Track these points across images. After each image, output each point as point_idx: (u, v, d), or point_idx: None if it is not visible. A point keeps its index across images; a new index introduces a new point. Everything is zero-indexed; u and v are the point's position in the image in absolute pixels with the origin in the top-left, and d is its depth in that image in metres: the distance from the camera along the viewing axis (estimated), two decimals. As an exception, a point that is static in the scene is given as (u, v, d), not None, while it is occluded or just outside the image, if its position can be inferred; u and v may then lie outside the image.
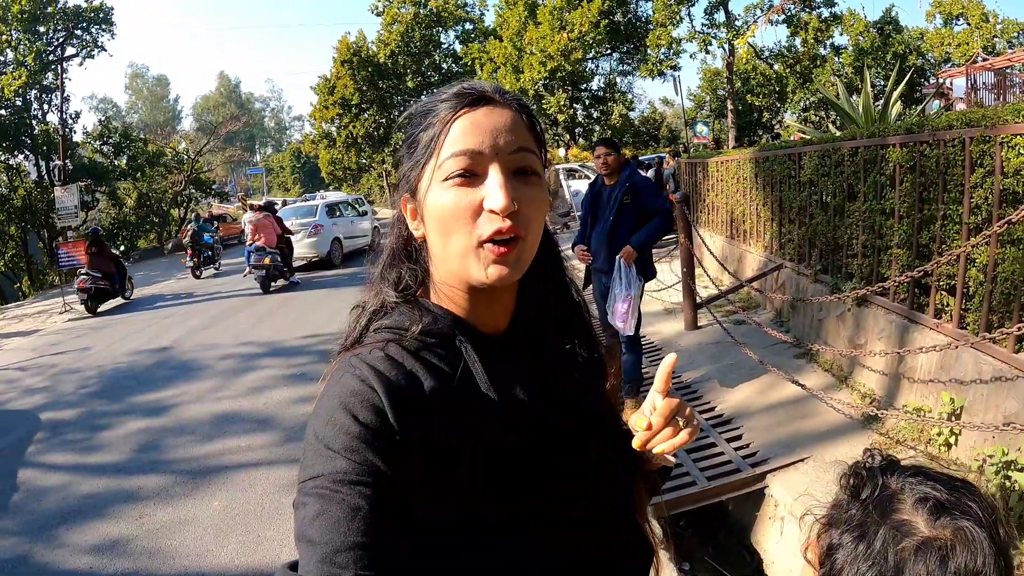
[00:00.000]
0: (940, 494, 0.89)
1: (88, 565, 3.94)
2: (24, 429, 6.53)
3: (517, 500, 0.86)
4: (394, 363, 0.85)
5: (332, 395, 0.83)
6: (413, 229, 0.94)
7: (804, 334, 5.82)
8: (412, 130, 0.92)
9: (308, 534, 0.76)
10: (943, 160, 3.90)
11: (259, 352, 8.59)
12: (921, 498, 0.89)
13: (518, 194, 0.85)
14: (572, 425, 0.95)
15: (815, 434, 4.31)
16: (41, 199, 23.48)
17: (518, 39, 29.08)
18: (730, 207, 8.82)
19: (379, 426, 0.80)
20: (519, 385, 0.92)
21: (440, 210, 0.86)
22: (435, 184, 0.86)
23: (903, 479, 0.93)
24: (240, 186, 64.60)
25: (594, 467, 0.96)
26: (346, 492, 0.77)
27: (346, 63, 34.93)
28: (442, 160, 0.85)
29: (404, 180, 0.93)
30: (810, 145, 6.04)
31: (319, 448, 0.80)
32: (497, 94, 0.90)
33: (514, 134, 0.87)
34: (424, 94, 1.35)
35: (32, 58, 24.01)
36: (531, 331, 0.98)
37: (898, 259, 4.42)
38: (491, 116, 0.87)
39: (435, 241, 0.89)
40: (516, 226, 0.85)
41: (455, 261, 0.87)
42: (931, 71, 26.30)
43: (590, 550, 0.92)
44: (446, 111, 0.87)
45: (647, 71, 27.66)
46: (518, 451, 0.88)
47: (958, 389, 3.66)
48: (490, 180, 0.85)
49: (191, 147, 34.84)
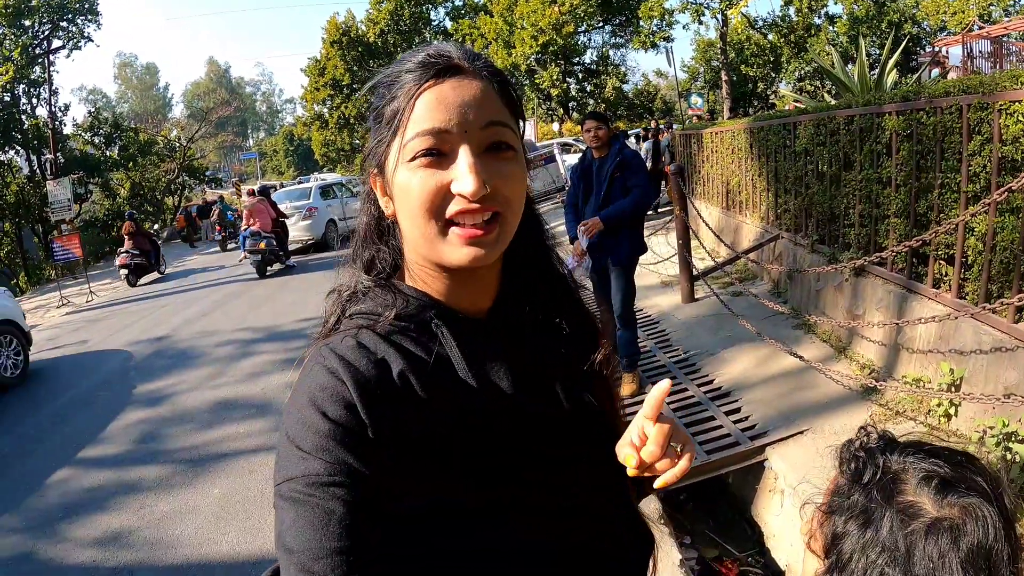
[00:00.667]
0: (944, 470, 0.87)
1: (91, 559, 3.94)
2: (25, 424, 6.54)
3: (496, 487, 0.83)
4: (365, 351, 0.82)
5: (302, 390, 0.80)
6: (383, 206, 0.89)
7: (802, 305, 5.80)
8: (377, 102, 0.86)
9: (285, 541, 0.74)
10: (940, 128, 3.84)
11: (257, 337, 8.59)
12: (925, 476, 0.87)
13: (491, 172, 0.80)
14: (557, 411, 0.91)
15: (814, 406, 4.30)
16: (34, 194, 23.38)
17: (508, 14, 28.90)
18: (725, 178, 8.76)
19: (349, 421, 0.77)
20: (500, 369, 0.88)
21: (406, 192, 0.81)
22: (401, 164, 0.81)
23: (904, 458, 0.91)
24: (234, 171, 64.29)
25: (583, 454, 0.93)
26: (320, 495, 0.74)
27: (335, 43, 34.73)
28: (407, 140, 0.80)
29: (371, 155, 0.88)
30: (805, 114, 5.98)
31: (291, 448, 0.77)
32: (466, 60, 0.83)
33: (485, 107, 0.81)
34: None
35: (18, 52, 23.93)
36: (516, 311, 0.94)
37: (895, 228, 4.38)
38: (459, 89, 0.81)
39: (404, 222, 0.85)
40: (494, 206, 0.81)
41: (426, 244, 0.83)
42: (927, 39, 26.12)
43: (580, 539, 0.89)
44: (411, 83, 0.81)
45: (640, 43, 27.53)
46: (496, 437, 0.85)
47: (958, 360, 3.64)
48: (459, 162, 0.79)
49: (183, 134, 34.59)
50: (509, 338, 0.91)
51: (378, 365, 0.81)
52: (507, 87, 0.86)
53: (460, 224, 0.80)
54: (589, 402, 0.97)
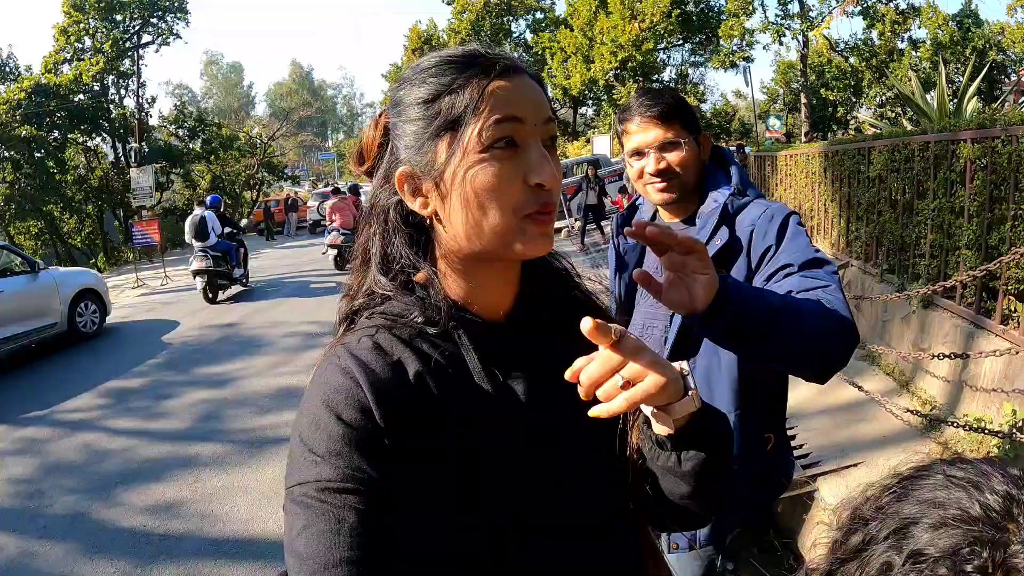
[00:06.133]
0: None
1: (142, 524, 4.12)
2: (92, 395, 6.88)
3: (506, 501, 0.82)
4: (381, 353, 0.81)
5: (316, 391, 0.80)
6: (418, 207, 0.85)
7: (868, 336, 5.64)
8: (422, 96, 0.83)
9: (296, 547, 0.74)
10: (1016, 157, 3.71)
11: (323, 331, 8.75)
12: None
13: (552, 166, 0.81)
14: (567, 419, 0.85)
15: (871, 440, 4.18)
16: (118, 180, 24.75)
17: (588, 28, 28.90)
18: (799, 202, 8.60)
19: (364, 425, 0.76)
20: (517, 373, 0.86)
21: (479, 183, 0.79)
22: (469, 154, 0.79)
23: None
24: (312, 171, 65.96)
25: (590, 468, 0.90)
26: (332, 502, 0.74)
27: (417, 51, 35.28)
28: (483, 128, 0.78)
29: (408, 152, 0.84)
30: (880, 139, 5.83)
31: (304, 452, 0.77)
32: (519, 61, 0.85)
33: (545, 104, 0.84)
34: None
35: (109, 45, 25.34)
36: (534, 314, 0.92)
37: (966, 260, 4.23)
38: (525, 85, 0.82)
39: (462, 216, 0.81)
40: (552, 198, 0.83)
41: (492, 237, 0.81)
42: (1012, 67, 25.02)
43: (579, 555, 0.87)
44: (475, 76, 0.80)
45: (719, 62, 27.26)
46: (508, 451, 0.83)
47: (1021, 400, 3.49)
48: (534, 152, 0.80)
49: (264, 132, 35.70)
50: (527, 341, 0.89)
51: (394, 367, 0.80)
52: (545, 89, 0.87)
53: (536, 213, 0.81)
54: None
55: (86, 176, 24.80)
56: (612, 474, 0.91)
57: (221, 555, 3.71)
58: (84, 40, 25.54)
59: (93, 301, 9.79)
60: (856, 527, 0.73)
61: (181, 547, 3.83)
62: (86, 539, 4.03)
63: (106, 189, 24.68)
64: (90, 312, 9.70)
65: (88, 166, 25.36)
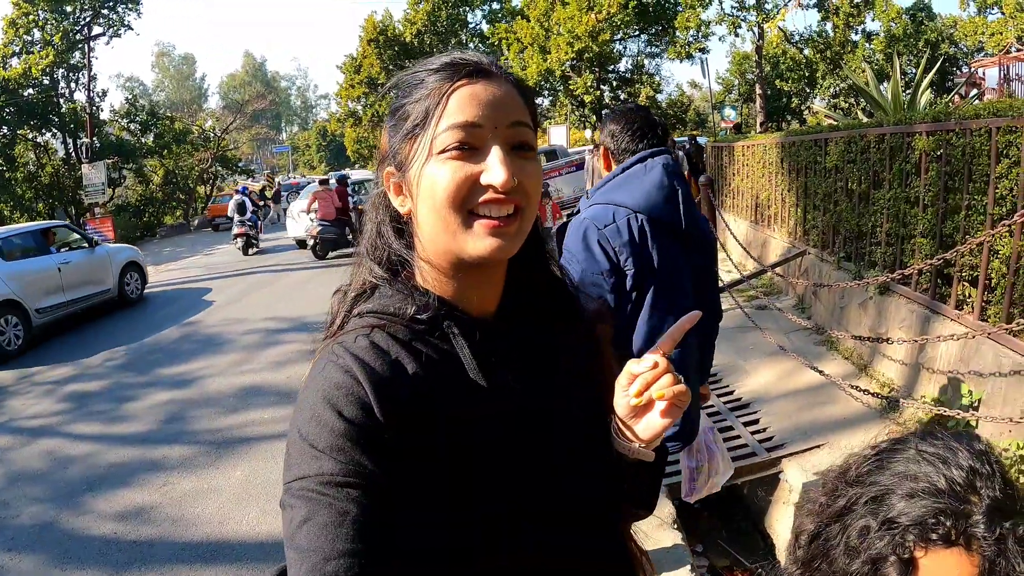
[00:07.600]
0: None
1: (112, 531, 4.06)
2: (51, 399, 6.71)
3: (504, 491, 0.84)
4: (379, 351, 0.83)
5: (315, 388, 0.80)
6: (398, 205, 0.90)
7: (825, 321, 5.79)
8: (400, 100, 0.88)
9: (297, 540, 0.75)
10: (969, 149, 3.85)
11: (284, 327, 8.69)
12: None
13: (517, 168, 0.82)
14: (562, 408, 0.91)
15: (833, 421, 4.32)
16: (69, 176, 23.99)
17: (545, 19, 28.88)
18: (755, 192, 8.76)
19: (365, 422, 0.77)
20: (510, 369, 0.88)
21: (435, 184, 0.82)
22: (431, 157, 0.83)
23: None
24: (266, 164, 64.90)
25: (585, 456, 0.92)
26: (333, 495, 0.75)
27: (372, 42, 34.86)
28: (439, 132, 0.82)
29: (390, 153, 0.90)
30: (836, 131, 5.97)
31: (304, 447, 0.78)
32: (493, 66, 0.87)
33: (512, 108, 0.85)
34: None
35: (59, 37, 24.47)
36: (520, 311, 0.94)
37: (921, 248, 4.38)
38: (489, 89, 0.84)
39: (426, 217, 0.85)
40: (517, 199, 0.83)
41: (448, 237, 0.84)
42: (964, 60, 25.72)
43: (572, 542, 0.89)
44: (441, 81, 0.84)
45: (675, 53, 27.44)
46: (504, 442, 0.85)
47: (977, 381, 3.64)
48: (491, 156, 0.82)
49: (217, 125, 35.07)
50: (517, 337, 0.92)
51: (393, 366, 0.82)
52: (527, 94, 0.90)
53: (485, 215, 0.82)
54: (595, 397, 0.96)
55: (36, 173, 23.98)
56: (608, 465, 0.93)
57: (196, 559, 3.68)
58: (33, 32, 24.61)
59: (136, 272, 11.67)
60: (841, 492, 0.83)
61: (154, 553, 3.79)
62: (56, 549, 3.95)
63: (57, 186, 23.93)
64: (135, 281, 11.60)
65: (38, 163, 24.51)
